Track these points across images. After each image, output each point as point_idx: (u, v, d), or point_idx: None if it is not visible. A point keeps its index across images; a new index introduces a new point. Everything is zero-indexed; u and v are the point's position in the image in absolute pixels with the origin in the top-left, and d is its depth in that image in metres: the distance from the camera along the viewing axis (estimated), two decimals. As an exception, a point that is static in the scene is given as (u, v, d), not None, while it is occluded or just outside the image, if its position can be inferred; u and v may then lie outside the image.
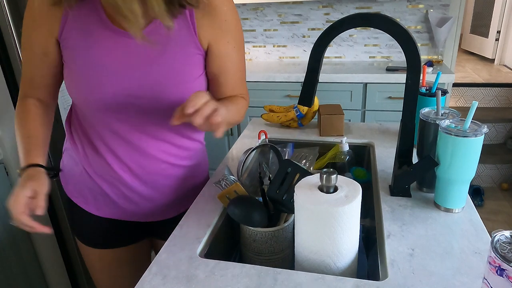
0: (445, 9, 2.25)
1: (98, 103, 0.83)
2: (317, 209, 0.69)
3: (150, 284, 0.68)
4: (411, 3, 2.30)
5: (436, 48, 2.30)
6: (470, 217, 0.83)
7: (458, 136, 0.78)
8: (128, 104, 0.84)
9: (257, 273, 0.70)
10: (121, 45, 0.81)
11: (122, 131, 0.87)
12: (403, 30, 0.80)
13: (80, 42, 0.82)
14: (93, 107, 0.85)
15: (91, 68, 0.82)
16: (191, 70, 0.85)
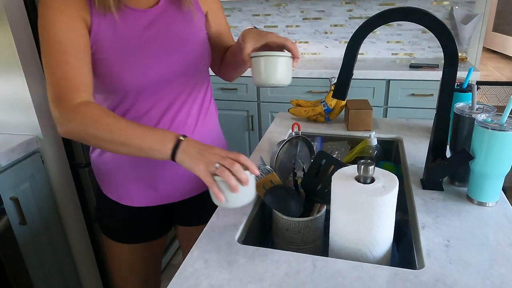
0: (470, 6, 2.22)
1: (138, 82, 0.86)
2: (355, 199, 0.70)
3: (193, 267, 0.71)
4: (436, 0, 2.28)
5: (460, 46, 2.28)
6: (505, 211, 0.84)
7: (495, 130, 0.78)
8: (167, 79, 0.89)
9: (295, 259, 0.72)
10: (149, 25, 0.86)
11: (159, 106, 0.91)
12: (441, 24, 0.81)
13: (110, 28, 0.82)
14: (136, 89, 0.87)
15: (133, 52, 0.84)
16: (201, 35, 0.95)
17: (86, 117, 0.75)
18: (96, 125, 0.75)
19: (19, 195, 1.27)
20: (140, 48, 0.85)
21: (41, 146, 1.36)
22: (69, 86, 0.77)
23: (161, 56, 0.87)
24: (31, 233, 1.32)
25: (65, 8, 0.78)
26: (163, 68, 0.87)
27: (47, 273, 1.41)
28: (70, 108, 0.76)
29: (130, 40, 0.84)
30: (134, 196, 0.99)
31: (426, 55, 2.44)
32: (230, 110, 2.49)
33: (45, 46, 0.78)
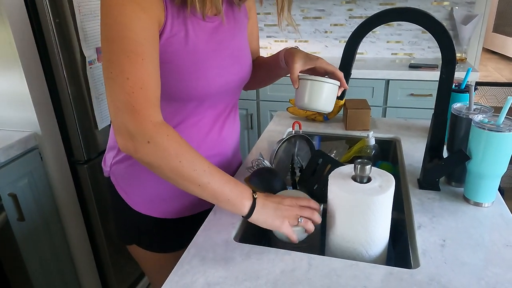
0: (470, 7, 2.22)
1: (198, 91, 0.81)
2: (352, 198, 0.71)
3: (190, 264, 0.71)
4: (436, 0, 2.28)
5: (460, 46, 2.28)
6: (501, 212, 0.84)
7: (492, 130, 0.78)
8: (221, 87, 0.86)
9: (291, 258, 0.72)
10: (213, 33, 0.82)
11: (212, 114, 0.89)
12: (440, 25, 0.81)
13: (181, 33, 0.76)
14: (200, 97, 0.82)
15: (203, 60, 0.79)
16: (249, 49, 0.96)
17: (169, 144, 0.68)
18: (179, 157, 0.68)
19: (18, 192, 1.27)
20: (208, 56, 0.81)
21: (39, 143, 1.36)
22: (147, 98, 0.67)
23: (225, 66, 0.84)
24: (29, 230, 1.33)
25: (146, 4, 0.68)
26: (227, 78, 0.86)
27: (45, 269, 1.41)
28: (149, 126, 0.67)
29: (200, 48, 0.79)
30: (167, 208, 0.94)
31: (426, 55, 2.44)
32: (229, 108, 2.49)
33: (119, 45, 0.66)
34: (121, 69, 0.66)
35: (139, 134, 0.67)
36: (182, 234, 0.97)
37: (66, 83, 1.35)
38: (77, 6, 1.34)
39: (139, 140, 0.67)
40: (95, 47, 1.43)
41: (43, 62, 1.32)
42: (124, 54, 0.66)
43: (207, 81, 0.81)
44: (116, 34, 0.66)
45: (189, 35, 0.77)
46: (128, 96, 0.66)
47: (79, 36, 1.36)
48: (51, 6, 1.27)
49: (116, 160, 0.91)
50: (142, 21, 0.67)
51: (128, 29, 0.66)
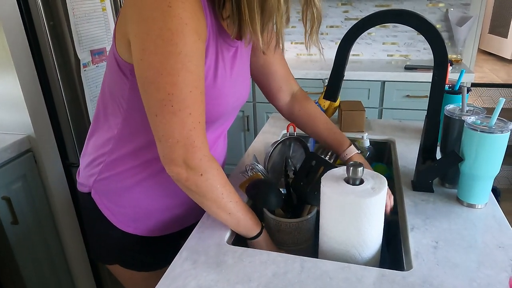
0: (465, 8, 2.23)
1: (215, 115, 0.81)
2: (344, 200, 0.70)
3: (182, 268, 0.71)
4: (431, 2, 2.29)
5: (455, 48, 2.29)
6: (494, 213, 0.84)
7: (484, 132, 0.79)
8: (232, 110, 0.88)
9: (284, 260, 0.72)
10: (233, 58, 0.82)
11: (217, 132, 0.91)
12: (432, 26, 0.81)
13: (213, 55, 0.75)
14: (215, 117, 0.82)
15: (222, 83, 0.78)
16: None
17: (217, 178, 0.73)
18: (222, 190, 0.74)
19: (11, 195, 1.26)
20: (227, 83, 0.80)
21: (33, 146, 1.36)
22: (203, 133, 0.70)
23: (239, 88, 0.86)
24: (23, 233, 1.32)
25: (197, 26, 0.64)
26: (238, 100, 0.87)
27: (39, 273, 1.40)
28: (204, 160, 0.70)
29: (223, 74, 0.78)
30: (152, 225, 0.92)
31: (422, 57, 2.44)
32: (225, 110, 2.49)
33: (183, 78, 0.64)
34: (185, 104, 0.65)
35: (195, 167, 0.70)
36: (167, 251, 0.95)
37: (60, 86, 1.35)
38: (71, 8, 1.33)
39: (193, 172, 0.70)
40: (89, 49, 1.43)
41: (36, 64, 1.32)
42: (187, 89, 0.65)
43: (224, 106, 0.81)
44: (180, 66, 0.63)
45: (218, 61, 0.76)
46: (189, 132, 0.67)
47: (73, 39, 1.36)
48: (44, 9, 1.27)
49: (102, 177, 0.87)
50: (200, 52, 0.66)
51: (191, 61, 0.64)
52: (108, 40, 1.51)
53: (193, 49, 0.64)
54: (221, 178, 0.74)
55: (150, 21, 0.61)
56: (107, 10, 1.49)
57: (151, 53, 0.62)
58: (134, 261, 0.95)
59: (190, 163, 0.69)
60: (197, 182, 0.71)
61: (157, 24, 0.61)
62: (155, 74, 0.63)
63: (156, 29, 0.61)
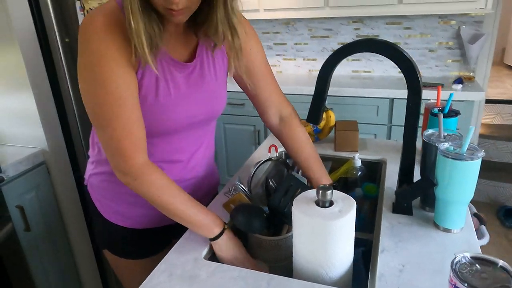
0: (478, 26, 2.21)
1: (165, 128, 0.90)
2: (311, 222, 0.74)
3: (158, 279, 0.76)
4: (442, 19, 2.28)
5: (468, 65, 2.27)
6: (468, 238, 0.85)
7: (455, 159, 0.80)
8: (188, 125, 0.94)
9: (253, 277, 0.76)
10: (184, 76, 0.89)
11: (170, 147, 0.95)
12: (404, 55, 0.84)
13: (153, 76, 0.83)
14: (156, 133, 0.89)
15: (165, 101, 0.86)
16: (225, 89, 1.01)
17: (151, 183, 0.82)
18: (159, 193, 0.82)
19: (25, 204, 1.37)
20: (174, 97, 0.87)
21: (47, 159, 1.46)
22: (132, 144, 0.79)
23: (194, 104, 0.91)
24: (34, 239, 1.42)
25: (120, 58, 0.75)
26: (197, 115, 0.93)
27: (49, 278, 1.50)
28: (135, 167, 0.80)
29: (167, 90, 0.86)
30: (135, 219, 1.01)
31: (434, 74, 2.43)
32: (237, 124, 2.56)
33: (101, 99, 0.76)
34: (108, 121, 0.77)
35: (128, 173, 0.81)
36: (151, 242, 1.06)
37: (73, 102, 1.45)
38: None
39: (129, 178, 0.81)
40: (101, 69, 1.53)
41: (51, 81, 1.43)
42: (109, 108, 0.76)
43: (172, 121, 0.89)
44: (99, 89, 0.75)
45: (159, 82, 0.84)
46: (118, 144, 0.78)
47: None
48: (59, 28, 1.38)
49: (93, 172, 1.01)
50: (120, 77, 0.76)
51: (107, 84, 0.75)
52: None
53: (113, 75, 0.75)
54: (157, 181, 0.82)
55: (79, 52, 0.76)
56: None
57: (80, 80, 0.78)
58: (120, 249, 1.05)
59: (124, 171, 0.81)
60: (135, 187, 0.82)
61: (82, 56, 0.76)
62: (84, 97, 0.78)
63: (81, 60, 0.76)
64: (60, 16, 1.38)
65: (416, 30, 2.36)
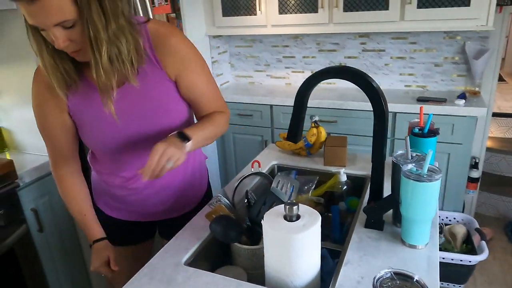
0: (483, 41, 2.22)
1: (103, 146, 1.07)
2: (277, 235, 0.82)
3: (140, 282, 0.86)
4: (448, 35, 2.31)
5: (473, 80, 2.28)
6: (430, 254, 0.90)
7: (416, 180, 0.86)
8: (126, 142, 1.05)
9: (223, 282, 0.84)
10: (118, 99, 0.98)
11: (125, 158, 1.09)
12: (369, 83, 0.91)
13: (81, 105, 1.00)
14: (101, 148, 1.09)
15: (94, 124, 1.02)
16: (170, 101, 1.05)
17: (61, 188, 1.12)
18: (64, 199, 1.12)
19: (39, 207, 1.50)
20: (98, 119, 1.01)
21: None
22: (55, 156, 1.09)
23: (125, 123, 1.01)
24: (47, 239, 1.55)
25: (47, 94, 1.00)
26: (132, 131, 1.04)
27: (59, 274, 1.63)
28: (55, 174, 1.11)
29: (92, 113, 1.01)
30: (116, 210, 1.21)
31: (439, 88, 2.45)
32: (245, 134, 2.65)
33: (38, 126, 1.07)
34: (44, 138, 1.08)
35: (55, 178, 1.12)
36: (131, 233, 1.25)
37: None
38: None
39: (55, 179, 1.12)
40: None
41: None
42: (41, 131, 1.07)
43: (102, 138, 1.04)
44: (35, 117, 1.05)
45: (84, 107, 1.00)
46: (50, 154, 1.11)
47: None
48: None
49: (91, 172, 1.24)
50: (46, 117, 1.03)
51: (40, 122, 1.05)
52: (129, 75, 1.74)
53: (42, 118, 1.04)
54: (63, 190, 1.11)
55: None
56: (128, 50, 1.71)
57: None
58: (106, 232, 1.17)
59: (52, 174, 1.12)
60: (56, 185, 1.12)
61: None
62: None
63: None
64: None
65: (421, 45, 2.40)
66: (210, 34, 2.65)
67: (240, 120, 2.62)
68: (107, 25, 0.83)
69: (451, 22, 2.02)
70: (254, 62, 2.94)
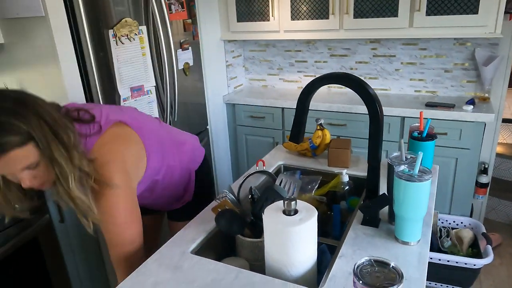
0: (493, 48, 2.24)
1: None
2: (275, 228, 0.89)
3: (149, 267, 0.94)
4: (458, 41, 2.34)
5: (482, 86, 2.30)
6: (420, 251, 0.96)
7: (407, 180, 0.92)
8: None
9: (225, 270, 0.92)
10: None
11: None
12: (365, 89, 0.97)
13: None
14: None
15: None
16: None
17: None
18: None
19: (60, 200, 1.61)
20: None
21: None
22: None
23: None
24: (67, 229, 1.66)
25: None
26: None
27: (78, 264, 1.73)
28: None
29: None
30: None
31: (449, 93, 2.47)
32: (257, 136, 2.73)
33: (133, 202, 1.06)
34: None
35: None
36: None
37: (104, 115, 1.69)
38: (115, 56, 1.67)
39: None
40: (129, 86, 1.76)
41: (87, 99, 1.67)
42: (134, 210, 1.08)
43: None
44: None
45: None
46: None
47: (115, 78, 1.69)
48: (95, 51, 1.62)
49: None
50: None
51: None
52: (146, 78, 1.84)
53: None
54: None
55: None
56: (146, 55, 1.82)
57: None
58: None
59: None
60: None
61: None
62: None
63: None
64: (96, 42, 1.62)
65: (431, 51, 2.43)
66: (225, 38, 2.74)
67: (253, 122, 2.70)
68: (70, 157, 0.88)
69: (460, 29, 2.05)
70: (268, 66, 3.02)
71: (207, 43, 2.50)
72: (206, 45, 2.47)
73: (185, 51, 2.13)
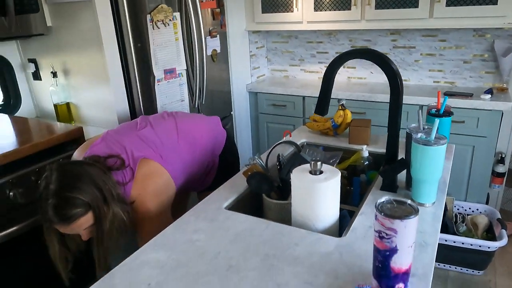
0: (513, 39, 2.29)
1: None
2: (301, 185, 0.99)
3: (187, 219, 1.05)
4: (477, 33, 2.39)
5: (501, 77, 2.34)
6: (435, 211, 1.05)
7: (424, 145, 1.01)
8: None
9: (255, 222, 1.03)
10: None
11: None
12: (390, 65, 1.06)
13: None
14: None
15: None
16: None
17: None
18: None
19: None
20: None
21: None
22: None
23: None
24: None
25: None
26: None
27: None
28: None
29: None
30: None
31: (468, 84, 2.53)
32: (279, 123, 2.83)
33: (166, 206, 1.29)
34: None
35: None
36: None
37: (139, 95, 1.82)
38: (152, 39, 1.80)
39: None
40: (163, 69, 1.89)
41: (125, 78, 1.81)
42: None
43: None
44: None
45: None
46: None
47: (151, 61, 1.82)
48: (133, 36, 1.75)
49: None
50: None
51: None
52: (178, 62, 1.97)
53: None
54: None
55: None
56: (179, 40, 1.94)
57: None
58: None
59: None
60: None
61: None
62: None
63: None
64: (135, 26, 1.75)
65: (451, 42, 2.49)
66: (250, 29, 2.85)
67: (274, 110, 2.81)
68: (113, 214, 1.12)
69: (479, 20, 2.11)
70: (289, 57, 3.12)
71: (233, 32, 2.62)
72: (232, 34, 2.59)
73: (213, 38, 2.25)
